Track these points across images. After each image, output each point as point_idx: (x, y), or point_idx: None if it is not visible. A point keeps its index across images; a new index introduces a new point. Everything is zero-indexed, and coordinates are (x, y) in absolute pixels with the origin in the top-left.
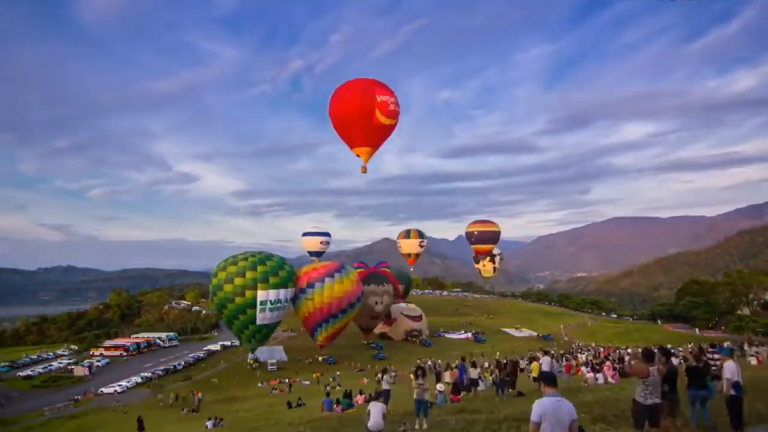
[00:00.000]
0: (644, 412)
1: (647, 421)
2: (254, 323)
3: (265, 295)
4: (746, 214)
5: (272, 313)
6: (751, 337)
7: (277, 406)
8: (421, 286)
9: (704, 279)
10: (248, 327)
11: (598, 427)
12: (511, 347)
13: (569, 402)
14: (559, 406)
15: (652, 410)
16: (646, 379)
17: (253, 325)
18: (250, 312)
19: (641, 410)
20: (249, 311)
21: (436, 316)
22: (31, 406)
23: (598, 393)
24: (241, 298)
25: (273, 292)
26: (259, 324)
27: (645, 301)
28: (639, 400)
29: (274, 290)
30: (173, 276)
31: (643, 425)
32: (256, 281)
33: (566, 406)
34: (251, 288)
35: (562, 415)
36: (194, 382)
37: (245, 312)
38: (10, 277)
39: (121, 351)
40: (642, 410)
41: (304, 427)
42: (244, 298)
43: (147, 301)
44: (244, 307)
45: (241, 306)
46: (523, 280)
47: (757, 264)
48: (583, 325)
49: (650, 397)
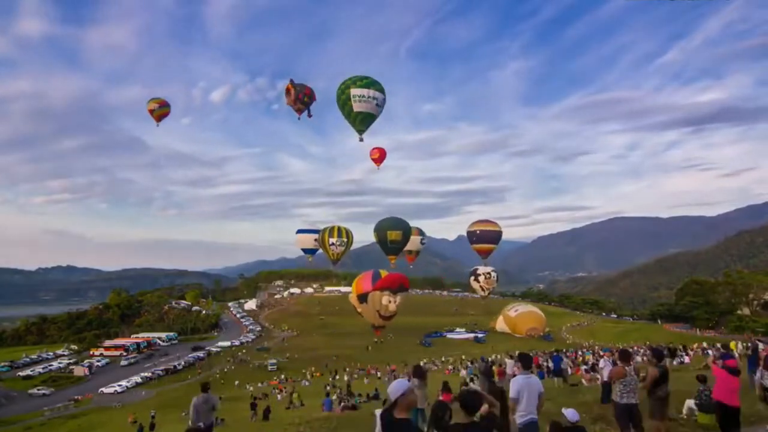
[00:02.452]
0: (622, 412)
1: (629, 422)
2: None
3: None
4: (746, 214)
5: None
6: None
7: (277, 406)
8: (421, 286)
9: (704, 279)
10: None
11: (598, 426)
12: (512, 347)
13: (537, 378)
14: (530, 381)
15: (630, 410)
16: (623, 379)
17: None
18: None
19: (619, 410)
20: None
21: (436, 316)
22: (31, 406)
23: (598, 393)
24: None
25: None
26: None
27: (645, 301)
28: (615, 400)
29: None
30: (173, 276)
31: (627, 426)
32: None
33: (535, 380)
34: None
35: (533, 388)
36: (195, 382)
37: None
38: (10, 277)
39: (121, 351)
40: (619, 410)
41: (304, 427)
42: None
43: (147, 301)
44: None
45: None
46: (523, 280)
47: (757, 264)
48: (583, 325)
49: (626, 397)
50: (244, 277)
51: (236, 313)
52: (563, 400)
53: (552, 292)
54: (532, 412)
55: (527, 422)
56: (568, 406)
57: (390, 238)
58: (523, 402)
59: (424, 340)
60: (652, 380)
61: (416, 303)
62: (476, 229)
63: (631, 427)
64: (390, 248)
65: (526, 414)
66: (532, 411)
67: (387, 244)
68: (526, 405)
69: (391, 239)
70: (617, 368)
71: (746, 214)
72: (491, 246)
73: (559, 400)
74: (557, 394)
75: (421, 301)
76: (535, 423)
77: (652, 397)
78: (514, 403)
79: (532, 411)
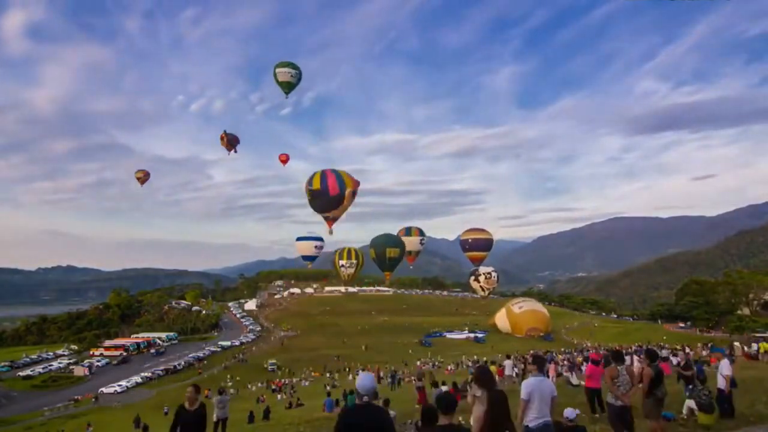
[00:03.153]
0: (617, 415)
1: (623, 425)
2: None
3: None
4: (746, 214)
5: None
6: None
7: (277, 406)
8: (421, 286)
9: (704, 279)
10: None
11: (598, 427)
12: (512, 347)
13: (549, 381)
14: (542, 384)
15: (624, 412)
16: (616, 380)
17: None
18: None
19: (613, 413)
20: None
21: (436, 316)
22: (31, 406)
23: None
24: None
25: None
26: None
27: (645, 301)
28: (609, 401)
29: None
30: (173, 276)
31: (621, 430)
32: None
33: (547, 383)
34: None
35: (545, 392)
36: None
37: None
38: (10, 277)
39: (121, 351)
40: (613, 413)
41: (304, 427)
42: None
43: (147, 301)
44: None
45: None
46: (524, 280)
47: (757, 264)
48: (583, 325)
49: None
50: (244, 277)
51: (236, 313)
52: (563, 401)
53: (552, 292)
54: (546, 415)
55: (541, 425)
56: (569, 406)
57: (389, 255)
58: (534, 404)
59: (424, 340)
60: (647, 381)
61: (416, 303)
62: (468, 237)
63: (624, 430)
64: (388, 265)
65: (540, 417)
66: (545, 414)
67: (386, 261)
68: (539, 408)
69: (390, 256)
70: (610, 368)
71: (746, 214)
72: (483, 253)
73: (559, 401)
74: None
75: (421, 301)
76: (549, 426)
77: (650, 398)
78: (524, 403)
79: (545, 414)
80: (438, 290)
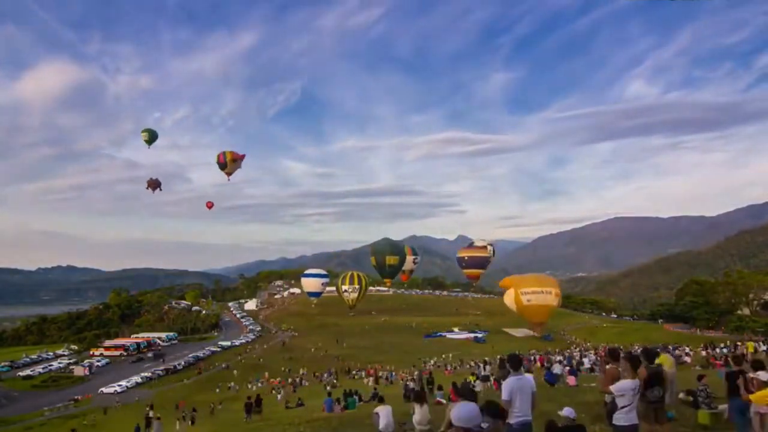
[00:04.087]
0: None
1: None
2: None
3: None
4: (746, 214)
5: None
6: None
7: (276, 406)
8: (421, 286)
9: (704, 279)
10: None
11: (598, 427)
12: (511, 347)
13: (530, 377)
14: (522, 382)
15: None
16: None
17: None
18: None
19: (609, 411)
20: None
21: (436, 316)
22: (31, 406)
23: (598, 393)
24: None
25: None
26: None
27: (645, 301)
28: (616, 424)
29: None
30: (173, 276)
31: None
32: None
33: (526, 380)
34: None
35: (525, 389)
36: (196, 381)
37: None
38: (10, 277)
39: (121, 351)
40: (609, 411)
41: (304, 427)
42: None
43: (147, 301)
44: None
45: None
46: None
47: (757, 264)
48: (583, 325)
49: (627, 418)
50: (244, 277)
51: (236, 313)
52: (564, 400)
53: None
54: (527, 413)
55: (521, 423)
56: (569, 406)
57: (389, 263)
58: (516, 403)
59: (424, 340)
60: (642, 381)
61: (416, 303)
62: (465, 255)
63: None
64: (387, 272)
65: (522, 415)
66: (526, 412)
67: (385, 269)
68: (520, 406)
69: (390, 264)
70: (610, 368)
71: (746, 214)
72: (480, 271)
73: (559, 401)
74: (558, 395)
75: (421, 301)
76: (529, 424)
77: (643, 400)
78: (506, 405)
79: (526, 412)
80: (438, 290)
